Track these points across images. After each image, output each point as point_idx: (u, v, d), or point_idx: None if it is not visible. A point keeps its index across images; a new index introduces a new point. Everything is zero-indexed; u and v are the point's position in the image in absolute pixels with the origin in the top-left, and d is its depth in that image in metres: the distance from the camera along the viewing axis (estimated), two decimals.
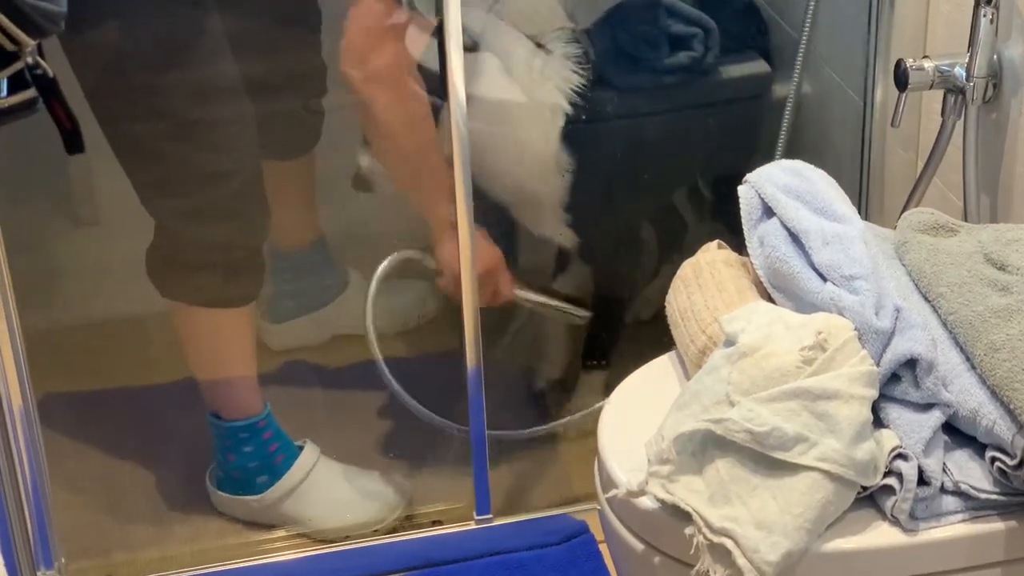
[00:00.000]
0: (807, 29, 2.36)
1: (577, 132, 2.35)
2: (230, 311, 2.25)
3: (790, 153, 2.37)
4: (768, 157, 2.28)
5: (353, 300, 2.63)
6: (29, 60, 1.02)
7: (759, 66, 2.50)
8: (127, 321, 2.70)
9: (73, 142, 1.12)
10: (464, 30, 2.27)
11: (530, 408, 2.56)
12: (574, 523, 2.26)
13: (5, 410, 2.01)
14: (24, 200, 2.72)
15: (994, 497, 1.48)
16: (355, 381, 2.58)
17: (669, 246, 2.56)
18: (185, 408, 2.50)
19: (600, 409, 1.73)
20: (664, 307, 1.81)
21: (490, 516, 2.27)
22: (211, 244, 2.19)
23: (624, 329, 2.58)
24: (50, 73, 1.05)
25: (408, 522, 2.35)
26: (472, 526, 2.27)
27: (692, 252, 1.83)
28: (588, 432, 1.97)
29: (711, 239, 1.86)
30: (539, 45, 2.31)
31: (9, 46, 0.99)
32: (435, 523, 2.33)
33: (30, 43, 1.00)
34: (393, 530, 2.33)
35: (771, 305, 1.65)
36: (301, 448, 2.34)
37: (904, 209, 2.04)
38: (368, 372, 2.50)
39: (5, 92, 1.04)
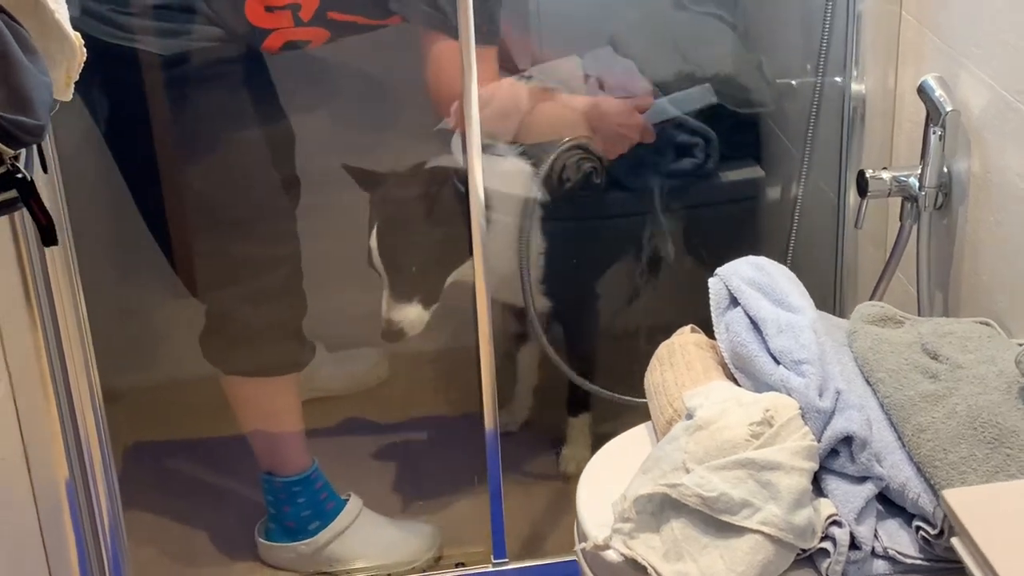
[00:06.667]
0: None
1: (592, 227, 2.34)
2: (282, 378, 2.24)
3: (782, 248, 2.33)
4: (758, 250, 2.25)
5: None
6: (9, 167, 1.02)
7: (754, 171, 2.47)
8: (215, 380, 2.71)
9: (48, 236, 1.12)
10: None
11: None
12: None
13: (86, 459, 2.02)
14: (130, 276, 2.76)
15: (919, 562, 1.44)
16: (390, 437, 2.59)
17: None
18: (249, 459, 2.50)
19: None
20: None
21: (506, 560, 2.23)
22: (267, 322, 2.18)
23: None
24: (29, 177, 1.05)
25: (436, 563, 2.32)
26: (490, 568, 2.23)
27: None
28: None
29: (708, 327, 1.82)
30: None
31: None
32: (458, 565, 2.29)
33: (9, 152, 1.00)
34: (423, 571, 2.30)
35: (728, 384, 1.62)
36: (346, 499, 2.32)
37: (871, 299, 2.00)
38: (410, 428, 2.50)
39: None
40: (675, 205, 2.41)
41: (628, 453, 1.71)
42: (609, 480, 1.64)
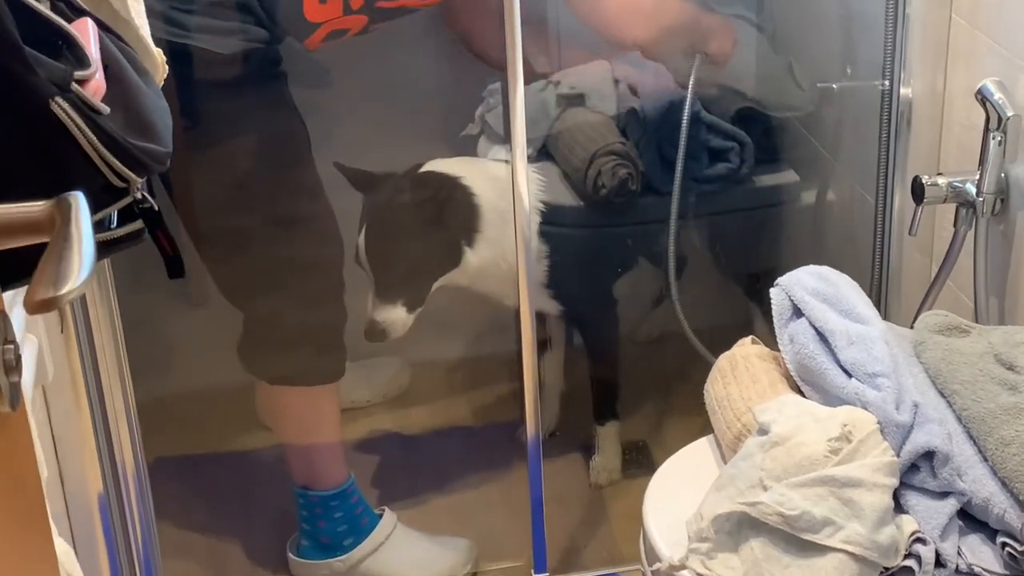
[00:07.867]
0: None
1: (625, 233, 2.31)
2: (324, 387, 2.20)
3: (818, 255, 2.30)
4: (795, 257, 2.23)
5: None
6: (138, 195, 0.98)
7: (789, 176, 2.45)
8: (231, 391, 2.67)
9: (175, 267, 1.09)
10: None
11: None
12: None
13: (120, 472, 1.98)
14: (144, 284, 2.70)
15: None
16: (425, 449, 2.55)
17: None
18: (278, 473, 2.46)
19: None
20: None
21: (547, 574, 2.20)
22: (311, 328, 2.15)
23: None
24: (155, 207, 1.02)
25: None
26: None
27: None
28: (633, 497, 1.90)
29: (744, 333, 1.80)
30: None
31: (118, 183, 0.95)
32: None
33: (138, 181, 0.96)
34: None
35: (799, 398, 1.60)
36: (381, 514, 2.28)
37: (920, 309, 1.97)
38: (437, 440, 2.46)
39: (116, 223, 1.01)
40: (709, 210, 2.39)
41: (690, 469, 1.69)
42: (674, 497, 1.61)
